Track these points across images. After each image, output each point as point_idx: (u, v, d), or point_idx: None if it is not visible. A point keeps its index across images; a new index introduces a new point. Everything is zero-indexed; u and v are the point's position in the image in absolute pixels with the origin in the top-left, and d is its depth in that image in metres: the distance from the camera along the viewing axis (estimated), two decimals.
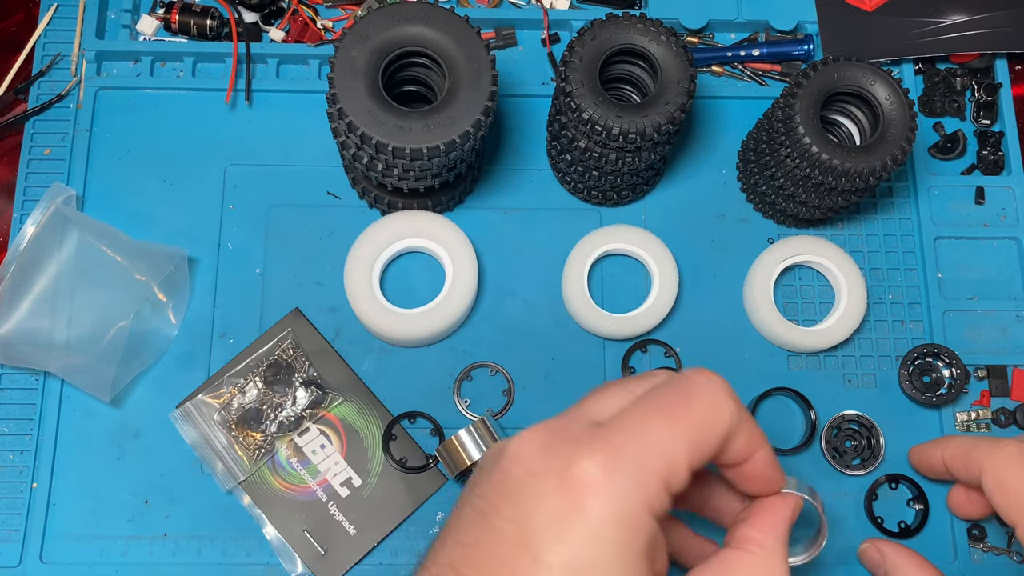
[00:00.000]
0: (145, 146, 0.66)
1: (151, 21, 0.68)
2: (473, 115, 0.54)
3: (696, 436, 0.35)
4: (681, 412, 0.35)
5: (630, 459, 0.33)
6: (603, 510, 0.32)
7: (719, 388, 0.36)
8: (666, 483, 0.33)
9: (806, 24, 0.71)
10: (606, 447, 0.33)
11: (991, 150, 0.70)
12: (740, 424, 0.36)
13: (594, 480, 0.32)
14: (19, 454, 0.60)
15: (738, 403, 0.37)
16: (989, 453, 0.49)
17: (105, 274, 0.59)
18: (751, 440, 0.37)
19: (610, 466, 0.32)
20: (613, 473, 0.32)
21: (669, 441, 0.34)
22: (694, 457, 0.34)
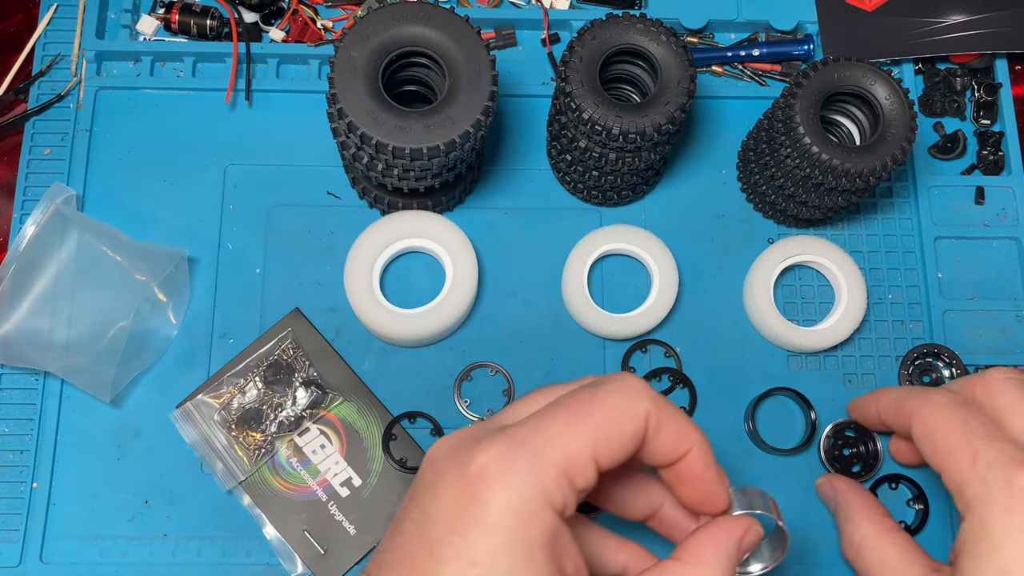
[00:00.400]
0: (145, 146, 0.66)
1: (151, 21, 0.68)
2: (473, 115, 0.54)
3: (601, 431, 0.34)
4: (587, 408, 0.35)
5: (527, 451, 0.33)
6: (496, 500, 0.32)
7: (633, 386, 0.36)
8: (567, 477, 0.33)
9: (806, 24, 0.71)
10: (504, 440, 0.33)
11: (991, 150, 0.70)
12: (662, 421, 0.36)
13: (489, 472, 0.32)
14: (19, 454, 0.60)
15: (659, 401, 0.37)
16: (919, 404, 0.48)
17: (105, 274, 0.59)
18: (680, 437, 0.37)
19: (506, 457, 0.33)
20: (508, 464, 0.32)
21: (570, 435, 0.34)
22: (600, 452, 0.34)
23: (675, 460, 0.38)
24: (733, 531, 0.38)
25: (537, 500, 0.32)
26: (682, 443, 0.37)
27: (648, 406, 0.36)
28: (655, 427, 0.36)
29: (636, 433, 0.35)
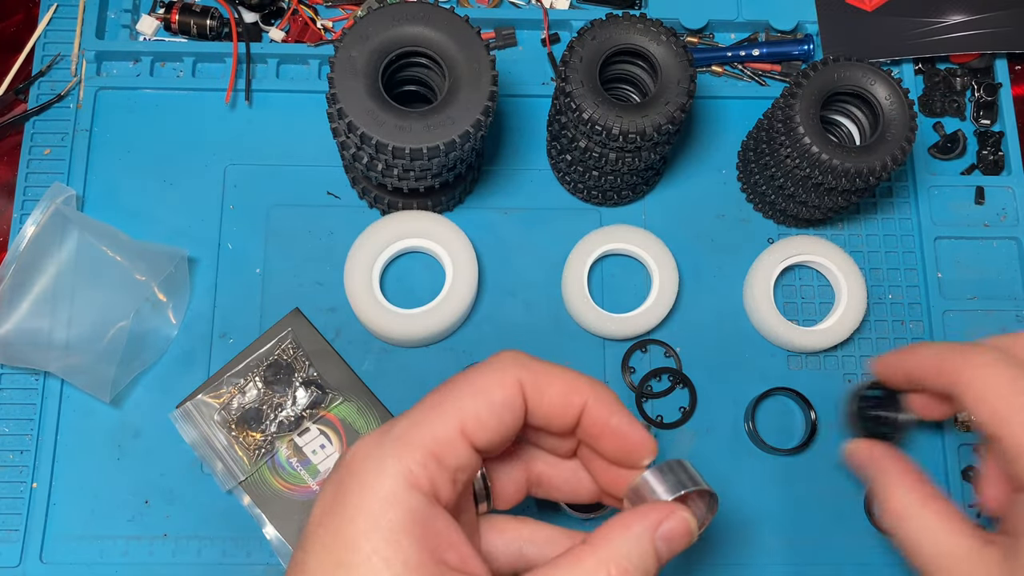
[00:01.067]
0: (145, 146, 0.66)
1: (151, 21, 0.68)
2: (473, 115, 0.54)
3: (468, 406, 0.34)
4: (453, 387, 0.34)
5: (391, 436, 0.33)
6: (357, 485, 0.32)
7: (503, 358, 0.35)
8: (435, 457, 0.32)
9: (806, 24, 0.71)
10: (376, 431, 0.34)
11: (991, 150, 0.70)
12: (542, 383, 0.35)
13: (356, 461, 0.32)
14: (19, 454, 0.60)
15: (534, 365, 0.35)
16: (964, 362, 0.44)
17: (105, 274, 0.59)
18: (568, 392, 0.36)
19: (373, 444, 0.33)
20: (373, 450, 0.32)
21: (435, 415, 0.33)
22: (470, 428, 0.33)
23: (575, 419, 0.36)
24: (648, 515, 0.36)
25: (399, 482, 0.31)
26: (573, 397, 0.36)
27: (518, 372, 0.35)
28: (535, 391, 0.35)
29: (509, 402, 0.34)
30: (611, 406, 0.37)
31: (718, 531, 0.60)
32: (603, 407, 0.37)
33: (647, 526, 0.35)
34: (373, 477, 0.32)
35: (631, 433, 0.37)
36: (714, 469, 0.61)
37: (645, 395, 0.63)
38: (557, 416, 0.36)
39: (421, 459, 0.32)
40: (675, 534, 0.35)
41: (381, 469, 0.32)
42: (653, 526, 0.35)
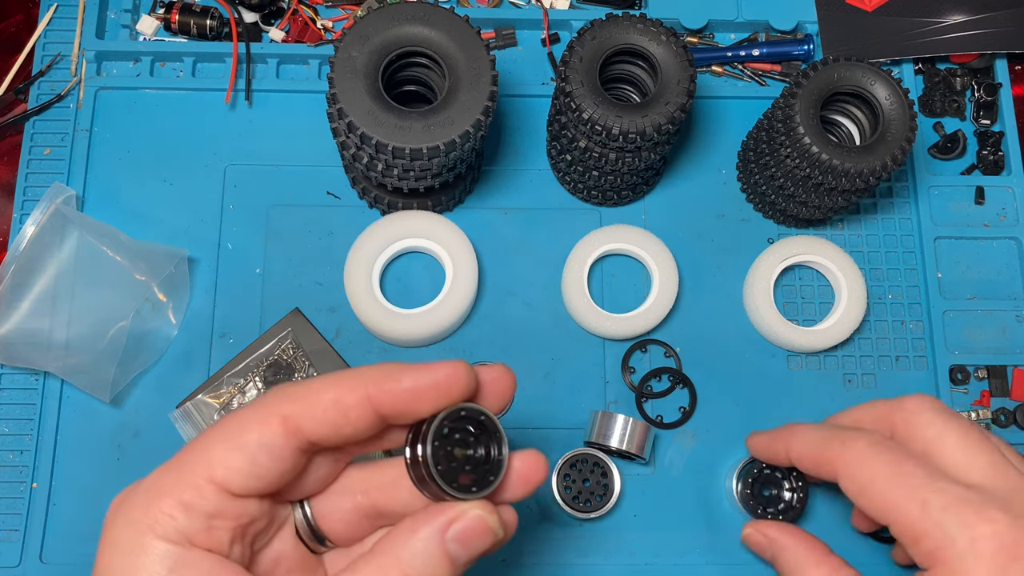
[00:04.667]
0: (145, 146, 0.66)
1: (151, 21, 0.68)
2: (473, 115, 0.54)
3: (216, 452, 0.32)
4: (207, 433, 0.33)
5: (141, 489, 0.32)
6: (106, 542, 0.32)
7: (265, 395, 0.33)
8: (183, 505, 0.31)
9: (806, 24, 0.71)
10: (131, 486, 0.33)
11: (991, 150, 0.70)
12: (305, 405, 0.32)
13: (107, 518, 0.32)
14: (19, 454, 0.60)
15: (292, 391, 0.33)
16: (841, 452, 0.44)
17: (105, 274, 0.59)
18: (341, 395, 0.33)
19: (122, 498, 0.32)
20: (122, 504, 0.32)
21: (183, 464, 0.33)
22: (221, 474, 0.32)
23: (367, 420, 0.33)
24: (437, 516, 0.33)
25: (143, 533, 0.31)
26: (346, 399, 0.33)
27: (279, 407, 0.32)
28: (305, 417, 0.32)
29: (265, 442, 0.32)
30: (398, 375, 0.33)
31: (718, 531, 0.60)
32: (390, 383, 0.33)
33: (436, 528, 0.33)
34: (120, 532, 0.31)
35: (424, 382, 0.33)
36: (714, 469, 0.61)
37: (645, 395, 0.63)
38: (341, 426, 0.33)
39: (168, 509, 0.31)
40: (470, 535, 0.33)
41: (128, 523, 0.31)
42: (442, 528, 0.33)
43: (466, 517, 0.33)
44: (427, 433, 0.33)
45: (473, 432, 0.35)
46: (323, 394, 0.33)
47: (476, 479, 0.34)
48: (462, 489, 0.33)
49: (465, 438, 0.34)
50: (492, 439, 0.35)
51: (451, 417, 0.34)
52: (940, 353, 0.64)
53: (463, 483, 0.34)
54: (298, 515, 0.37)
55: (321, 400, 0.33)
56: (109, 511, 0.32)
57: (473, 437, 0.35)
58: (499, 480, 0.34)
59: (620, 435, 0.58)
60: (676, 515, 0.60)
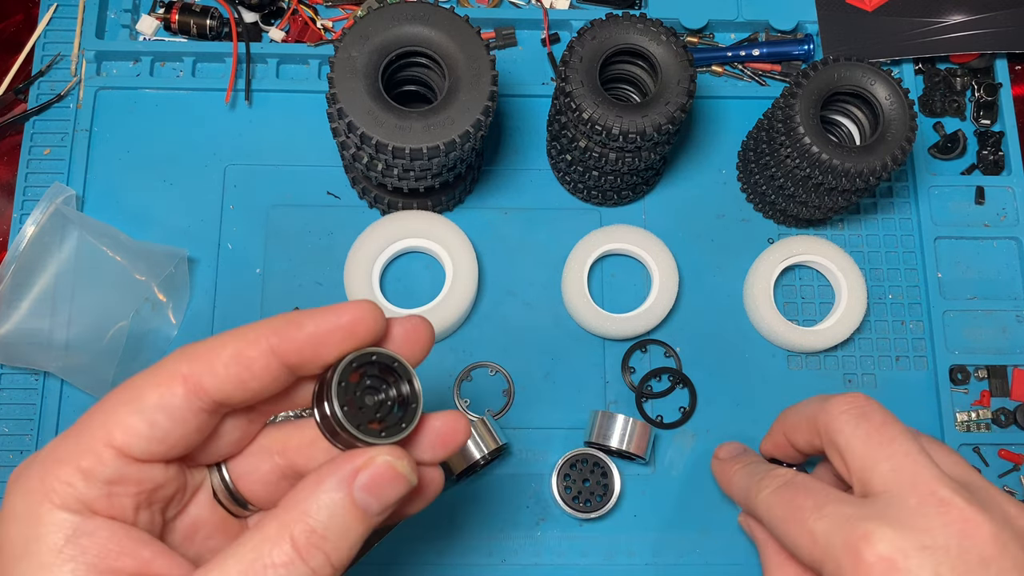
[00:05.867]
0: (145, 146, 0.66)
1: (151, 21, 0.68)
2: (473, 115, 0.53)
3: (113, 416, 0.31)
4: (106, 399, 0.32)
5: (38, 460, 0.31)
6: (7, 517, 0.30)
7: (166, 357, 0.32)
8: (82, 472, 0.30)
9: (806, 24, 0.71)
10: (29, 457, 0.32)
11: (991, 150, 0.70)
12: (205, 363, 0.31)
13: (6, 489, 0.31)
14: (19, 454, 0.60)
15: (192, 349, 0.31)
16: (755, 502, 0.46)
17: (105, 274, 0.59)
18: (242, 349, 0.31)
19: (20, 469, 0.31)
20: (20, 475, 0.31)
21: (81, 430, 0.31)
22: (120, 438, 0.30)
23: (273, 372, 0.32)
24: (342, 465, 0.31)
25: (39, 502, 0.30)
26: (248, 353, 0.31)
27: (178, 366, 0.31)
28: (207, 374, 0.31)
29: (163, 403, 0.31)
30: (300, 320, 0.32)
31: (718, 531, 0.60)
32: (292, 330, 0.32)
33: (342, 477, 0.31)
34: (18, 503, 0.30)
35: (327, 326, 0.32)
36: None
37: (645, 395, 0.63)
38: (245, 381, 0.31)
39: (65, 476, 0.30)
40: (379, 481, 0.31)
41: (25, 493, 0.30)
42: (348, 477, 0.31)
43: (374, 464, 0.31)
44: (333, 376, 0.31)
45: (385, 379, 0.33)
46: (223, 349, 0.31)
47: (387, 426, 0.32)
48: (371, 434, 0.32)
49: (376, 384, 0.33)
50: (405, 385, 0.33)
51: (359, 361, 0.32)
52: (940, 353, 0.64)
53: (373, 429, 0.32)
54: (215, 479, 0.35)
55: (221, 355, 0.31)
56: (8, 483, 0.31)
57: (385, 384, 0.33)
58: (412, 427, 0.33)
59: (620, 435, 0.58)
60: (676, 515, 0.60)
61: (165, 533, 0.34)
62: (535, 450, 0.61)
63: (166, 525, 0.34)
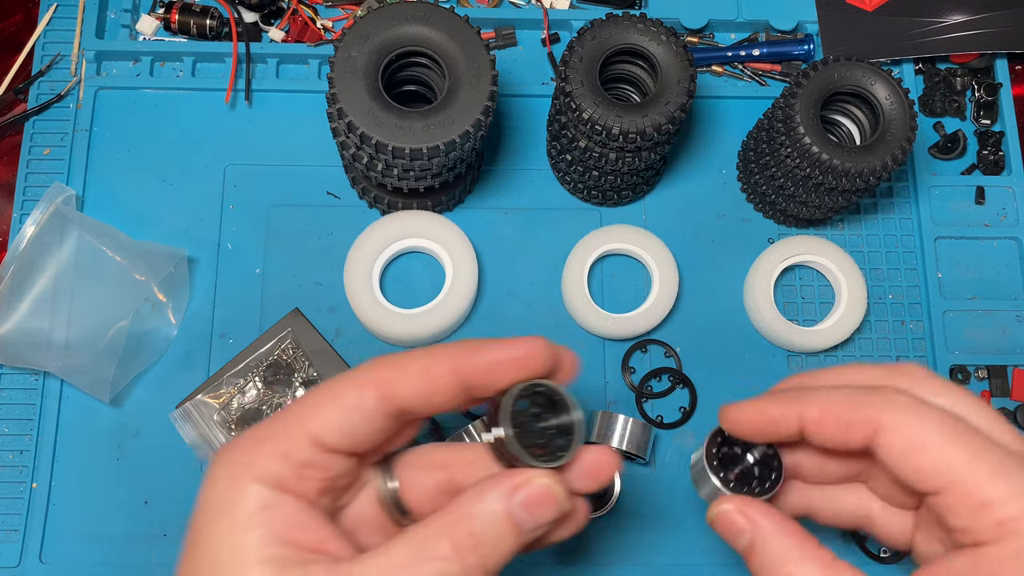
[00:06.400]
0: (145, 146, 0.66)
1: (151, 21, 0.68)
2: (473, 115, 0.53)
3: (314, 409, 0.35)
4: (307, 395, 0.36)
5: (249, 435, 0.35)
6: (208, 484, 0.34)
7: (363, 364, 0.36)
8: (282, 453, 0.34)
9: (806, 24, 0.71)
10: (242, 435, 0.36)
11: (991, 150, 0.70)
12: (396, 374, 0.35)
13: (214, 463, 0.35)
14: (19, 454, 0.60)
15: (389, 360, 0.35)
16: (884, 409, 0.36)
17: (105, 274, 0.59)
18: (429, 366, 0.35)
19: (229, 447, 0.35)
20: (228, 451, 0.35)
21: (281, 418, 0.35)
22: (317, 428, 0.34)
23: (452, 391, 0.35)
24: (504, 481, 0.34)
25: (240, 473, 0.33)
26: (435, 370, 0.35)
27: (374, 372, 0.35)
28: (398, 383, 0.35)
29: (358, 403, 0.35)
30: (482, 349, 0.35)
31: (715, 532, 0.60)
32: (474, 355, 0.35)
33: (503, 491, 0.34)
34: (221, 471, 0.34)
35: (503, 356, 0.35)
36: None
37: (645, 395, 0.63)
38: (430, 394, 0.35)
39: (266, 454, 0.34)
40: (536, 501, 0.34)
41: (227, 464, 0.34)
42: (509, 491, 0.34)
43: (532, 484, 0.34)
44: (504, 403, 0.35)
45: (550, 409, 0.36)
46: (413, 363, 0.35)
47: (548, 452, 0.35)
48: (534, 457, 0.35)
49: (542, 413, 0.36)
50: (566, 416, 0.36)
51: (531, 389, 0.36)
52: (940, 353, 0.64)
53: (535, 453, 0.35)
54: (383, 484, 0.38)
55: (412, 368, 0.35)
56: (214, 457, 0.35)
57: (550, 413, 0.36)
58: (570, 455, 0.36)
59: (620, 435, 0.58)
60: (676, 515, 0.60)
61: (338, 520, 0.37)
62: None
63: (337, 513, 0.37)
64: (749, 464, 0.43)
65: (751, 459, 0.43)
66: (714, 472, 0.42)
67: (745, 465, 0.43)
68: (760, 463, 0.43)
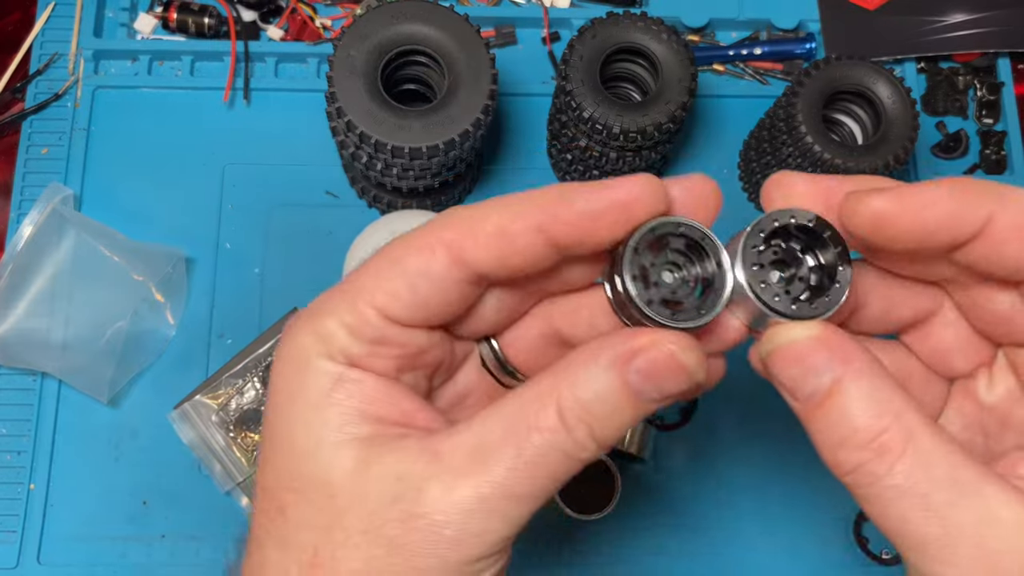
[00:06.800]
0: (143, 145, 0.66)
1: (149, 19, 0.68)
2: (473, 114, 0.53)
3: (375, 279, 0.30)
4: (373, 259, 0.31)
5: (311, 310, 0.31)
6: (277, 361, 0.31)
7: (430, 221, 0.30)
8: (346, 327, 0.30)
9: (808, 23, 0.70)
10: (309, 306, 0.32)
11: (993, 149, 0.70)
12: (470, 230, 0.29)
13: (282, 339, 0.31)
14: (16, 455, 0.59)
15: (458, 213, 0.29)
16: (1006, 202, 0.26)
17: (103, 274, 0.59)
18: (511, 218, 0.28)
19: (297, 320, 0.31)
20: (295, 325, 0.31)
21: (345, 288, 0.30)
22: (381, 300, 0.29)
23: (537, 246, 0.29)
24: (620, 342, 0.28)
25: (307, 350, 0.30)
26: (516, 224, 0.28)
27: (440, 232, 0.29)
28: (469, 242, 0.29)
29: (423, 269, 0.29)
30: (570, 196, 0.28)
31: (718, 532, 0.60)
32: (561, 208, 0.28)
33: (616, 356, 0.28)
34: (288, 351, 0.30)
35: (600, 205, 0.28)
36: (715, 469, 0.61)
37: None
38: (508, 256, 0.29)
39: (332, 328, 0.30)
40: (658, 370, 0.27)
41: (294, 342, 0.30)
42: (625, 355, 0.28)
43: (656, 348, 0.27)
44: (624, 250, 0.28)
45: (691, 256, 0.29)
46: (485, 221, 0.29)
47: (683, 309, 0.28)
48: (662, 315, 0.27)
49: (679, 260, 0.29)
50: (711, 264, 0.29)
51: (663, 229, 0.28)
52: None
53: (666, 310, 0.28)
54: (483, 346, 0.34)
55: (484, 227, 0.29)
56: (282, 333, 0.31)
57: (690, 261, 0.29)
58: (712, 315, 0.28)
59: None
60: (676, 516, 0.60)
61: (433, 400, 0.33)
62: None
63: (433, 392, 0.33)
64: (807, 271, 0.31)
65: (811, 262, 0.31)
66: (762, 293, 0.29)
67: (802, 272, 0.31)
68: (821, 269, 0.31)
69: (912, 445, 0.26)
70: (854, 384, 0.27)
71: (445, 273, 0.29)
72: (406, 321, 0.30)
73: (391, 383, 0.30)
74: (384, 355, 0.30)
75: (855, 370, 0.27)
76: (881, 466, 0.26)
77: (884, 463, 0.26)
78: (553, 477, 0.28)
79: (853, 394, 0.27)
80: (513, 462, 0.28)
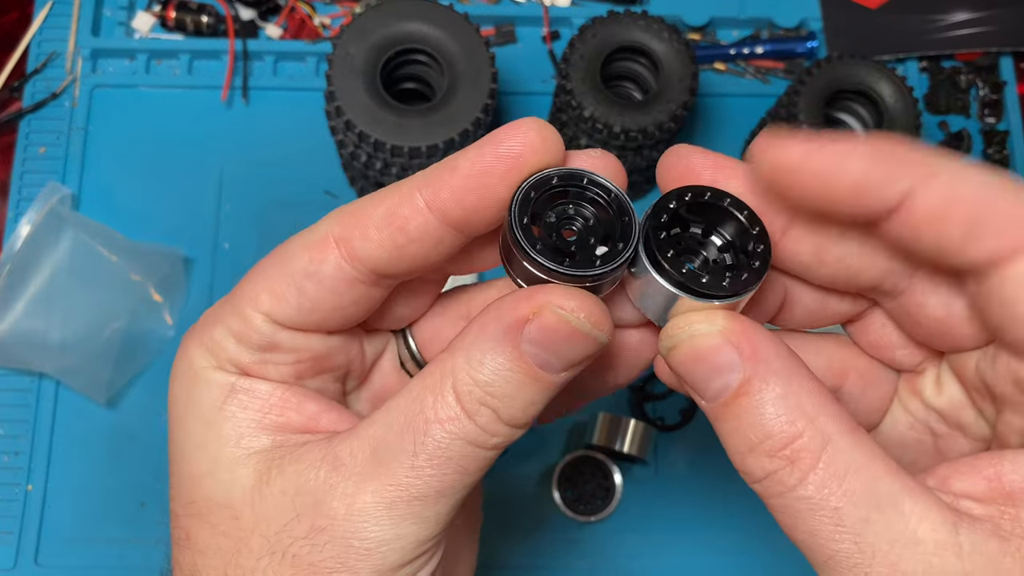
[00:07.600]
0: (141, 144, 0.65)
1: (147, 18, 0.68)
2: (473, 113, 0.53)
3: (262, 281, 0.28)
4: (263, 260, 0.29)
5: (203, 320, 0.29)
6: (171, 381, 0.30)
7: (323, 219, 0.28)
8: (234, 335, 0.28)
9: (810, 21, 0.70)
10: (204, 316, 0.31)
11: (996, 148, 0.69)
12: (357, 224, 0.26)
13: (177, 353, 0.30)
14: (14, 456, 0.59)
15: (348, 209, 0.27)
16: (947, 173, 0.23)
17: (100, 274, 0.59)
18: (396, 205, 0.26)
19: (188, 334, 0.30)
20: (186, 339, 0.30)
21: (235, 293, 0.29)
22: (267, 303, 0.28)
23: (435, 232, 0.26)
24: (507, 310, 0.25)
25: (195, 361, 0.29)
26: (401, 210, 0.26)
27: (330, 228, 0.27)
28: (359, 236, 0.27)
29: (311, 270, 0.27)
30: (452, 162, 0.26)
31: (718, 532, 0.60)
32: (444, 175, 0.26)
33: (506, 327, 0.25)
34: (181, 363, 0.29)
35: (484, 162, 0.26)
36: (715, 471, 0.61)
37: (645, 397, 0.62)
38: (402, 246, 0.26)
39: (218, 337, 0.28)
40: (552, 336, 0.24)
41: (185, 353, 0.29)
42: (513, 326, 0.24)
43: (546, 312, 0.24)
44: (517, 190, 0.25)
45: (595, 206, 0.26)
46: (375, 208, 0.26)
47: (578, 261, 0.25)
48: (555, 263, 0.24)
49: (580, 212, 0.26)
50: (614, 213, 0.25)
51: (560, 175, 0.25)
52: None
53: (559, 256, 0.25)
54: (400, 346, 0.32)
55: (373, 216, 0.26)
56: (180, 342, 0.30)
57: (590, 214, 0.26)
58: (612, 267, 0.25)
59: (622, 438, 0.58)
60: (677, 517, 0.60)
61: (350, 403, 0.32)
62: (535, 452, 0.61)
63: (348, 395, 0.31)
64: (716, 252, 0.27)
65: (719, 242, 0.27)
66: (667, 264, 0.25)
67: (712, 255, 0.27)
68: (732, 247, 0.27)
69: (827, 453, 0.23)
70: (765, 384, 0.24)
71: (336, 273, 0.27)
72: (297, 325, 0.28)
73: (290, 388, 0.28)
74: (278, 361, 0.28)
75: (766, 369, 0.24)
76: (792, 476, 0.23)
77: (795, 473, 0.23)
78: (463, 471, 0.26)
79: (764, 396, 0.24)
80: (413, 460, 0.25)
